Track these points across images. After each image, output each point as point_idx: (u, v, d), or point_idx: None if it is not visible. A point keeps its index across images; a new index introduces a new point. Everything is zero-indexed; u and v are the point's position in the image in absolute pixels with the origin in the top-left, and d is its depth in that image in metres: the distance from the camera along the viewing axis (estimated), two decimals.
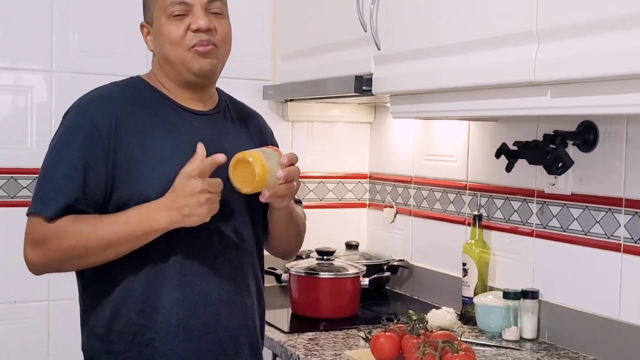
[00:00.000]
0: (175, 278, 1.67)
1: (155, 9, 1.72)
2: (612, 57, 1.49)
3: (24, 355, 2.62)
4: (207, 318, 1.70)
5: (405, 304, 2.70)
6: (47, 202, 1.62)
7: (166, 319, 1.67)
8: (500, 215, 2.43)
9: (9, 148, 2.60)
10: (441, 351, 1.80)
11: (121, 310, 1.67)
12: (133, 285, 1.67)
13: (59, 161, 1.65)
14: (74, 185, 1.63)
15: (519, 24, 1.72)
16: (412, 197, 2.86)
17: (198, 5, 1.70)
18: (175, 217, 1.60)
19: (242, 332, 1.76)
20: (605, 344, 2.04)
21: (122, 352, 1.67)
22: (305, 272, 2.49)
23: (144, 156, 1.67)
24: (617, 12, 1.48)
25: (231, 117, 1.87)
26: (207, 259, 1.70)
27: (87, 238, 1.60)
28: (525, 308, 2.22)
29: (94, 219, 1.64)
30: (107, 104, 1.70)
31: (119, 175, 1.65)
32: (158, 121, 1.72)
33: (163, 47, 1.72)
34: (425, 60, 2.04)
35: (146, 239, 1.62)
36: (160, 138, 1.70)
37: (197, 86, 1.76)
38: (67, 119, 1.71)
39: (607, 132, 2.06)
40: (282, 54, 2.91)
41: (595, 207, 2.10)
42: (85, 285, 1.73)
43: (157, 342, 1.66)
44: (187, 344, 1.68)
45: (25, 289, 2.60)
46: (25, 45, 2.61)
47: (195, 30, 1.69)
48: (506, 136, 2.32)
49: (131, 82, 1.79)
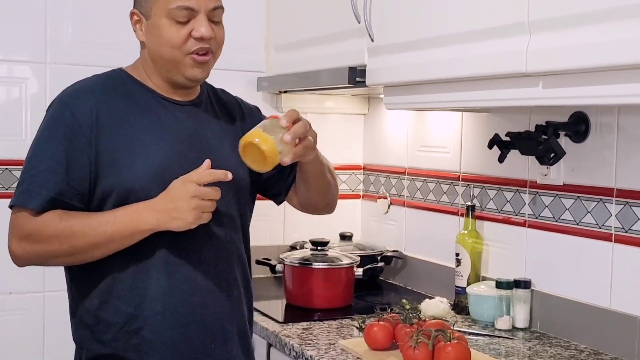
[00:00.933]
0: (161, 267, 1.69)
1: (155, 4, 1.70)
2: (603, 48, 1.50)
3: (20, 345, 2.63)
4: (193, 306, 1.71)
5: (399, 294, 2.71)
6: (31, 195, 1.63)
7: (153, 307, 1.68)
8: (493, 206, 2.44)
9: (4, 140, 2.60)
10: (434, 340, 1.81)
11: (109, 299, 1.68)
12: (120, 275, 1.68)
13: (42, 154, 1.66)
14: (57, 178, 1.63)
15: (510, 15, 1.73)
16: (405, 188, 2.87)
17: (203, 13, 1.70)
18: (162, 219, 1.61)
19: (229, 319, 1.77)
20: (596, 333, 2.06)
21: (111, 340, 1.68)
22: (299, 262, 2.49)
23: (126, 147, 1.67)
24: (607, 4, 1.49)
25: (212, 106, 1.87)
26: (193, 249, 1.71)
27: (74, 236, 1.61)
28: (518, 297, 2.23)
29: (82, 216, 1.64)
30: (87, 97, 1.70)
31: (102, 166, 1.65)
32: (139, 112, 1.73)
33: (160, 47, 1.72)
34: (419, 52, 2.04)
35: (132, 239, 1.63)
36: (142, 128, 1.70)
37: (185, 87, 1.78)
38: (49, 112, 1.72)
39: (599, 122, 2.07)
40: (276, 46, 2.90)
41: (586, 197, 2.11)
42: (73, 276, 1.74)
43: (145, 331, 1.67)
44: (174, 332, 1.69)
45: (20, 280, 2.61)
46: (19, 37, 2.61)
47: (198, 38, 1.69)
48: (498, 127, 2.33)
49: (113, 75, 1.79)
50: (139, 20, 1.75)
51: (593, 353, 2.03)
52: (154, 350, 1.68)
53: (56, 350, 2.64)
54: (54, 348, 2.66)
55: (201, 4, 1.69)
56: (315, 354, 1.98)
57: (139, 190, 1.65)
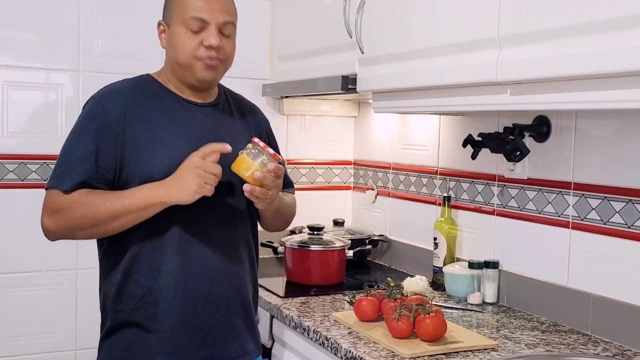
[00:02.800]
0: (175, 247, 1.68)
1: (175, 15, 1.71)
2: (564, 61, 1.49)
3: (56, 316, 2.63)
4: (202, 282, 1.70)
5: (384, 272, 2.70)
6: (64, 178, 1.63)
7: (167, 282, 1.67)
8: (466, 197, 2.43)
9: (42, 137, 2.59)
10: (415, 313, 1.81)
11: (130, 274, 1.68)
12: (140, 254, 1.68)
13: (76, 144, 1.66)
14: (87, 164, 1.63)
15: (483, 31, 1.72)
16: (390, 181, 2.87)
17: (214, 24, 1.69)
18: (171, 189, 1.60)
19: (233, 294, 1.76)
20: (556, 307, 2.05)
21: (132, 310, 1.68)
22: (298, 245, 2.49)
23: (149, 140, 1.67)
24: (568, 22, 1.48)
25: (230, 108, 1.85)
26: (204, 231, 1.71)
27: (97, 208, 1.61)
28: (487, 276, 2.23)
29: (104, 193, 1.64)
30: (118, 96, 1.70)
31: (127, 156, 1.65)
32: (162, 111, 1.72)
33: (176, 52, 1.71)
34: (403, 63, 2.03)
35: (146, 212, 1.62)
36: (164, 125, 1.70)
37: (199, 89, 1.77)
38: (84, 108, 1.72)
39: (559, 125, 2.06)
40: (278, 56, 2.89)
41: (547, 189, 2.10)
42: (103, 253, 1.74)
43: (160, 302, 1.67)
44: (185, 304, 1.69)
45: (56, 259, 2.61)
46: (56, 49, 2.60)
47: (207, 47, 1.68)
48: (472, 128, 2.32)
49: (141, 79, 1.79)
50: (163, 30, 1.75)
51: (552, 325, 2.02)
52: (167, 319, 1.68)
53: (87, 320, 2.64)
54: (85, 318, 2.65)
55: (212, 17, 1.68)
56: (311, 324, 1.97)
57: (158, 179, 1.64)
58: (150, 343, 1.68)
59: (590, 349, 1.82)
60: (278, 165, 1.67)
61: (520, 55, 1.61)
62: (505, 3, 1.65)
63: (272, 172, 1.65)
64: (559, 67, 1.50)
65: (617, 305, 1.86)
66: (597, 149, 1.95)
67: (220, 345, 1.74)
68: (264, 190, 1.66)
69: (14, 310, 2.57)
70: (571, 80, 1.52)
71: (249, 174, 1.63)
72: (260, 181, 1.64)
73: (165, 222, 1.66)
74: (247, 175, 1.64)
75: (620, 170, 1.88)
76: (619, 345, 1.85)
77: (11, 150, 2.55)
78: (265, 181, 1.64)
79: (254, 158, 1.64)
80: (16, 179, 2.56)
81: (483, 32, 1.71)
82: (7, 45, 2.54)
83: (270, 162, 1.65)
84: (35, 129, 2.58)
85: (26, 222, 2.53)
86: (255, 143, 1.66)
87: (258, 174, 1.63)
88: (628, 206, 1.85)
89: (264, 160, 1.65)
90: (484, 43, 1.71)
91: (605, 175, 1.92)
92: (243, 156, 1.65)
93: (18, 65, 2.55)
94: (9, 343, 2.56)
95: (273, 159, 1.66)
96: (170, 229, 1.68)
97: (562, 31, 1.50)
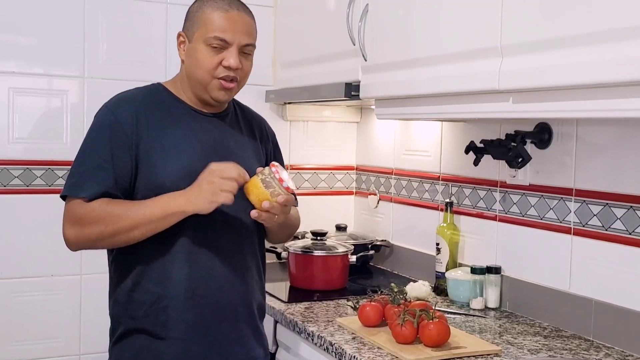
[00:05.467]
0: (184, 256, 1.69)
1: (198, 31, 1.71)
2: (566, 70, 1.51)
3: (60, 321, 2.64)
4: (210, 289, 1.71)
5: (387, 277, 2.71)
6: (83, 187, 1.64)
7: (177, 289, 1.69)
8: (468, 202, 2.44)
9: (47, 143, 2.60)
10: (418, 318, 1.82)
11: (141, 281, 1.69)
12: (150, 262, 1.69)
13: (91, 153, 1.67)
14: (105, 173, 1.65)
15: (485, 40, 1.73)
16: (392, 186, 2.88)
17: (235, 45, 1.70)
18: (190, 198, 1.60)
19: (241, 303, 1.77)
20: (557, 312, 2.07)
21: (142, 317, 1.69)
22: (301, 250, 2.50)
23: (159, 149, 1.68)
24: (569, 32, 1.50)
25: (237, 119, 1.87)
26: (211, 239, 1.72)
27: (117, 218, 1.62)
28: (490, 282, 2.24)
29: (124, 202, 1.65)
30: (129, 105, 1.72)
31: (139, 164, 1.67)
32: (173, 121, 1.73)
33: (195, 68, 1.72)
34: (406, 70, 2.05)
35: (166, 221, 1.63)
36: (174, 135, 1.71)
37: (211, 105, 1.78)
38: (97, 118, 1.73)
39: (560, 132, 2.08)
40: (282, 63, 2.91)
41: (549, 196, 2.11)
42: (112, 260, 1.75)
43: (170, 309, 1.68)
44: (193, 311, 1.70)
45: (60, 264, 2.62)
46: (62, 55, 2.62)
47: (226, 67, 1.70)
48: (474, 135, 2.33)
49: (152, 88, 1.80)
50: (183, 42, 1.76)
51: (555, 330, 2.04)
52: (177, 326, 1.69)
53: (91, 326, 2.65)
54: (88, 323, 2.66)
55: (235, 39, 1.70)
56: (315, 329, 1.99)
57: (170, 187, 1.65)
58: (161, 350, 1.69)
59: (593, 354, 1.83)
60: (288, 198, 1.65)
61: (522, 64, 1.63)
62: (508, 12, 1.67)
63: (281, 203, 1.64)
64: (560, 76, 1.52)
65: (619, 311, 1.88)
66: (598, 155, 1.96)
67: (228, 352, 1.75)
68: (270, 215, 1.66)
69: (18, 315, 2.58)
70: (573, 89, 1.53)
71: (258, 201, 1.63)
72: (268, 210, 1.64)
73: (174, 230, 1.67)
74: (255, 200, 1.63)
75: (621, 177, 1.90)
76: (621, 351, 1.86)
77: (16, 156, 2.57)
78: (272, 210, 1.64)
79: (266, 186, 1.62)
80: (21, 185, 2.57)
81: (485, 41, 1.73)
82: (13, 51, 2.56)
83: (282, 193, 1.63)
84: (40, 135, 2.59)
85: (31, 227, 2.56)
86: (272, 172, 1.64)
87: (267, 204, 1.62)
88: (629, 212, 1.87)
89: (276, 190, 1.63)
90: (487, 52, 1.73)
91: (606, 181, 1.93)
92: (257, 182, 1.63)
93: (23, 71, 2.57)
94: (13, 347, 2.57)
95: (285, 192, 1.64)
96: (180, 237, 1.69)
97: (564, 41, 1.51)
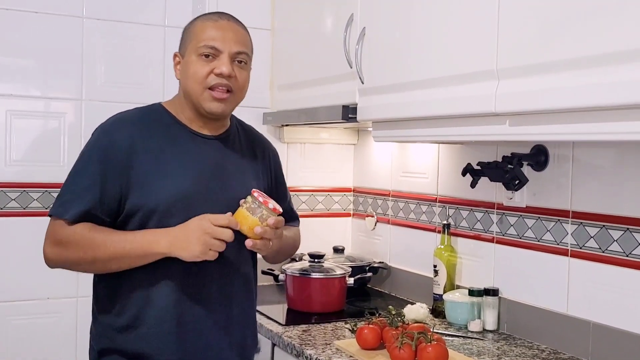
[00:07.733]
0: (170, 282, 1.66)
1: (189, 46, 1.72)
2: (562, 93, 1.52)
3: (55, 344, 2.63)
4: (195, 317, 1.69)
5: (385, 300, 2.71)
6: (68, 207, 1.63)
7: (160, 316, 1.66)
8: (465, 224, 2.45)
9: (44, 165, 2.62)
10: (416, 341, 1.82)
11: (125, 304, 1.67)
12: (134, 285, 1.67)
13: (82, 173, 1.66)
14: (92, 195, 1.63)
15: (482, 63, 1.75)
16: (390, 208, 2.88)
17: (226, 53, 1.70)
18: (174, 245, 1.59)
19: (226, 331, 1.74)
20: (556, 335, 2.07)
21: (122, 342, 1.67)
22: (299, 272, 2.50)
23: (154, 172, 1.66)
24: (566, 56, 1.51)
25: (239, 140, 1.85)
26: (201, 269, 1.68)
27: (97, 247, 1.61)
28: (487, 304, 2.24)
29: (107, 231, 1.63)
30: (125, 126, 1.70)
31: (132, 186, 1.65)
32: (171, 142, 1.72)
33: (187, 80, 1.72)
34: (403, 93, 2.06)
35: (144, 259, 1.62)
36: (170, 158, 1.69)
37: (208, 119, 1.77)
38: (92, 137, 1.72)
39: (556, 154, 2.09)
40: (279, 86, 2.92)
41: (546, 218, 2.12)
42: (98, 280, 1.74)
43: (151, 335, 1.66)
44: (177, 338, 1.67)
45: (56, 286, 2.62)
46: (59, 77, 2.64)
47: (218, 74, 1.69)
48: (471, 157, 2.35)
49: (151, 108, 1.79)
50: (179, 62, 1.76)
51: (553, 352, 2.04)
52: (158, 353, 1.66)
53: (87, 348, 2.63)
54: (85, 347, 2.62)
55: (225, 46, 1.70)
56: (313, 352, 1.98)
57: (163, 210, 1.64)
58: None
59: None
60: (278, 219, 1.65)
61: (518, 87, 1.64)
62: (504, 36, 1.69)
63: (272, 226, 1.64)
64: (557, 99, 1.53)
65: (617, 333, 1.88)
66: (594, 177, 1.97)
67: None
68: (265, 242, 1.65)
69: (14, 338, 2.57)
70: (569, 112, 1.54)
71: (249, 229, 1.63)
72: (261, 235, 1.63)
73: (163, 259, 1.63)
74: (247, 230, 1.63)
75: (618, 199, 1.91)
76: None
77: (13, 178, 2.58)
78: (265, 235, 1.63)
79: (253, 213, 1.63)
80: (18, 207, 2.58)
81: (482, 64, 1.75)
82: (11, 74, 2.58)
83: (270, 216, 1.64)
84: (37, 157, 2.61)
85: (27, 250, 2.55)
86: (255, 197, 1.64)
87: (258, 229, 1.62)
88: (626, 234, 1.88)
89: (264, 215, 1.63)
90: (483, 75, 1.74)
91: (603, 204, 1.94)
92: (243, 212, 1.63)
93: (21, 94, 2.58)
94: None
95: (273, 213, 1.65)
96: (166, 262, 1.64)
97: (560, 64, 1.53)
